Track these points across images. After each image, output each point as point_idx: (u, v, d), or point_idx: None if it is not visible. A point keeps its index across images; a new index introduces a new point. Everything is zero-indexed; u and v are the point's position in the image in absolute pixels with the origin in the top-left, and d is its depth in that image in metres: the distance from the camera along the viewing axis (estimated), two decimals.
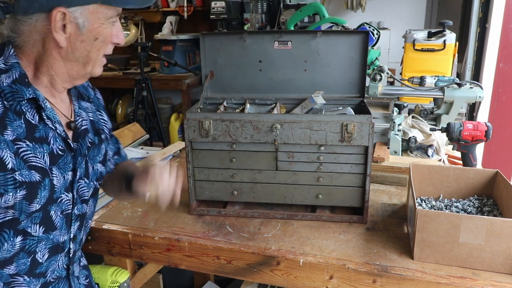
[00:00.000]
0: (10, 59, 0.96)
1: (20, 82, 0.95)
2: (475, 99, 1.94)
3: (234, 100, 1.66)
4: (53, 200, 1.02)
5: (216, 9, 4.21)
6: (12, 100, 0.93)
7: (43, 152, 0.99)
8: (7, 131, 0.92)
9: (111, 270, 1.39)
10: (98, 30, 0.98)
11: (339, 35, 1.56)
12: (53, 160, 1.01)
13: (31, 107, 0.98)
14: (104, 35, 1.00)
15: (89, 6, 0.95)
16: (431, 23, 4.50)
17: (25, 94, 0.95)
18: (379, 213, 1.44)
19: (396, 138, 1.90)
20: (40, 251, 1.04)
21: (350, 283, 1.16)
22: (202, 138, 1.35)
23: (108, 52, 1.05)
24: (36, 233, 1.02)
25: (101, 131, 1.20)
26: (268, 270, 1.24)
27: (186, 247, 1.30)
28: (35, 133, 0.98)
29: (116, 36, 1.03)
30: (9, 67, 0.95)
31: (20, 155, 0.94)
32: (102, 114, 1.24)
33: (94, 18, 0.96)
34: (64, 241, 1.09)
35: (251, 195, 1.41)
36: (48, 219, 1.03)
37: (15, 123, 0.94)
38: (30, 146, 0.96)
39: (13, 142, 0.93)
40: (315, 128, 1.30)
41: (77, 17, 0.94)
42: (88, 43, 0.98)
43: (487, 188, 1.38)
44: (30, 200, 0.96)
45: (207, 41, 1.60)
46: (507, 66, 2.83)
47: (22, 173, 0.94)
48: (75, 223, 1.11)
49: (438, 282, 1.09)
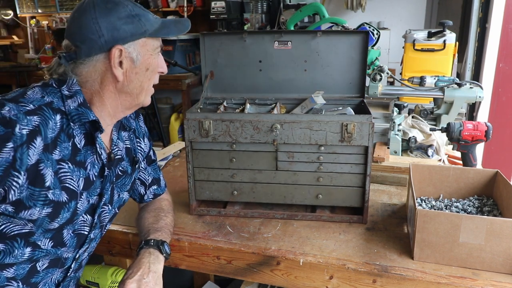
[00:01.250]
0: (74, 87, 1.03)
1: (84, 106, 1.02)
2: (475, 99, 1.94)
3: (234, 100, 1.66)
4: (71, 222, 1.05)
5: (216, 9, 4.21)
6: (79, 121, 1.01)
7: (79, 176, 1.03)
8: (56, 151, 0.97)
9: (111, 270, 1.39)
10: (148, 61, 1.07)
11: (339, 35, 1.56)
12: (86, 185, 1.05)
13: (81, 132, 1.03)
14: (153, 65, 1.09)
15: (139, 40, 1.03)
16: (431, 23, 4.50)
17: (89, 116, 1.02)
18: (379, 213, 1.44)
19: (396, 138, 1.90)
20: (42, 261, 1.06)
21: (350, 283, 1.16)
22: (202, 138, 1.35)
23: (156, 81, 1.13)
24: (45, 247, 1.04)
25: (136, 159, 1.24)
26: (268, 270, 1.24)
27: (186, 247, 1.30)
28: (76, 156, 1.02)
29: (160, 66, 1.12)
30: (73, 93, 1.02)
31: (59, 175, 0.98)
32: (140, 141, 1.29)
33: (144, 51, 1.05)
34: (67, 257, 1.10)
35: (251, 195, 1.41)
36: (59, 236, 1.05)
37: (64, 144, 0.99)
38: (70, 168, 1.01)
39: (58, 162, 0.98)
40: (315, 128, 1.30)
41: (131, 52, 1.02)
42: (141, 75, 1.06)
43: (487, 188, 1.38)
44: (52, 218, 0.99)
45: (207, 41, 1.60)
46: (507, 66, 2.83)
47: (54, 192, 0.97)
48: (86, 245, 1.13)
49: (438, 282, 1.09)
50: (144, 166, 1.32)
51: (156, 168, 1.37)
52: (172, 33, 1.09)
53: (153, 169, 1.35)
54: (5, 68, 4.96)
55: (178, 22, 1.12)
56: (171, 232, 1.27)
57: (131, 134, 1.25)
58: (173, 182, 1.72)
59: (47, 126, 0.95)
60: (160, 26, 1.07)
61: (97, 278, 1.38)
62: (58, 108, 0.99)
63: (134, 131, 1.27)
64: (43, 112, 0.95)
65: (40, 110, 0.95)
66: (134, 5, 1.04)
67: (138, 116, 1.31)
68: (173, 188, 1.64)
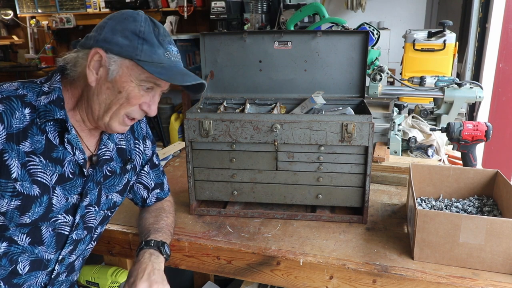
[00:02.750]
0: (54, 84, 1.03)
1: (54, 103, 1.01)
2: (475, 99, 1.94)
3: (234, 100, 1.66)
4: (47, 219, 1.03)
5: (216, 9, 4.22)
6: (43, 117, 0.99)
7: (53, 171, 1.02)
8: (25, 142, 0.97)
9: (111, 270, 1.39)
10: (124, 85, 1.00)
11: (339, 35, 1.55)
12: (60, 180, 1.03)
13: (55, 130, 1.02)
14: (129, 93, 1.01)
15: (126, 60, 0.98)
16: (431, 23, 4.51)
17: (56, 114, 1.00)
18: (379, 213, 1.44)
19: (396, 138, 1.90)
20: (22, 262, 1.04)
21: (350, 283, 1.16)
22: (202, 138, 1.35)
23: (133, 115, 1.06)
24: (22, 242, 1.03)
25: (129, 161, 1.21)
26: (268, 270, 1.24)
27: (186, 247, 1.30)
28: (52, 152, 1.01)
29: (147, 105, 1.05)
30: (51, 90, 1.02)
31: (27, 167, 0.97)
32: (139, 143, 1.27)
33: (125, 73, 0.99)
34: (49, 259, 1.08)
35: (251, 195, 1.41)
36: (37, 233, 1.04)
37: (36, 137, 0.99)
38: (42, 162, 1.00)
39: (27, 154, 0.97)
40: (315, 128, 1.30)
41: (111, 64, 0.98)
42: (111, 93, 1.01)
43: (487, 188, 1.38)
44: (22, 212, 0.98)
45: (207, 41, 1.60)
46: (507, 66, 2.83)
47: (23, 185, 0.97)
48: (68, 247, 1.11)
49: (438, 282, 1.09)
50: (147, 170, 1.31)
51: (159, 174, 1.35)
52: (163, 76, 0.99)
53: (156, 174, 1.34)
54: (5, 68, 4.97)
55: (185, 74, 1.03)
56: (172, 233, 1.26)
57: (128, 134, 1.23)
58: (173, 182, 1.72)
59: (12, 115, 0.95)
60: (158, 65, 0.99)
61: (97, 278, 1.37)
62: (29, 102, 0.99)
63: (132, 132, 1.25)
64: (10, 102, 0.95)
65: (7, 100, 0.95)
66: (152, 31, 0.99)
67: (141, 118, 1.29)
68: (173, 188, 1.64)
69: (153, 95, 1.06)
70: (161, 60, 1.00)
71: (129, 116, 1.06)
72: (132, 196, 1.33)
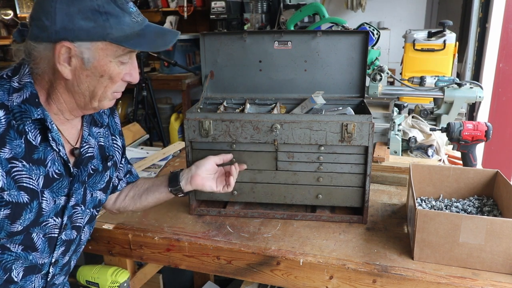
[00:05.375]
0: (24, 78, 0.96)
1: (29, 102, 0.94)
2: (475, 99, 1.94)
3: (234, 100, 1.66)
4: (38, 223, 1.00)
5: (216, 9, 4.22)
6: (20, 120, 0.93)
7: (38, 174, 0.97)
8: (4, 149, 0.91)
9: (111, 270, 1.39)
10: (104, 68, 0.95)
11: (339, 35, 1.55)
12: (47, 183, 0.99)
13: (35, 128, 0.97)
14: (111, 73, 0.97)
15: (98, 42, 0.92)
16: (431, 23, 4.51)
17: (33, 114, 0.94)
18: (379, 213, 1.44)
19: (396, 138, 1.90)
20: (16, 269, 1.01)
21: (350, 283, 1.16)
22: (202, 138, 1.35)
23: (119, 89, 1.03)
24: (15, 249, 0.99)
25: (109, 157, 1.19)
26: (268, 270, 1.24)
27: (186, 247, 1.30)
28: (33, 154, 0.96)
29: (129, 75, 1.01)
30: (22, 86, 0.95)
31: (12, 174, 0.92)
32: (116, 139, 1.24)
33: (101, 55, 0.94)
34: (43, 263, 1.06)
35: (251, 195, 1.41)
36: (29, 241, 1.01)
37: (15, 142, 0.93)
38: (26, 166, 0.94)
39: (8, 161, 0.91)
40: (315, 128, 1.30)
41: (83, 52, 0.92)
42: (93, 79, 0.96)
43: (487, 188, 1.38)
44: (12, 220, 0.94)
45: (207, 41, 1.60)
46: (507, 66, 2.83)
47: (10, 193, 0.92)
48: (60, 248, 1.09)
49: (438, 282, 1.09)
50: (123, 163, 1.30)
51: (127, 161, 1.34)
52: (143, 46, 0.96)
53: (126, 162, 1.33)
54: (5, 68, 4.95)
55: (162, 34, 0.98)
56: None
57: (105, 131, 1.20)
58: None
59: None
60: (133, 34, 0.93)
61: (97, 278, 1.37)
62: (1, 103, 0.91)
63: (109, 128, 1.22)
64: None
65: None
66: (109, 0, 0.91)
67: (113, 113, 1.25)
68: None
69: (131, 63, 1.01)
70: (132, 28, 0.94)
71: (116, 91, 1.03)
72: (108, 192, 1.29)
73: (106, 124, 1.20)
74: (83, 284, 1.40)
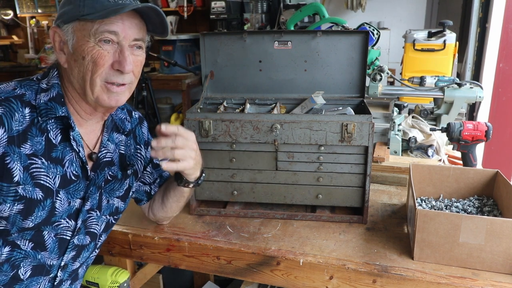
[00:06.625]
0: (52, 80, 1.02)
1: (55, 100, 0.99)
2: (475, 99, 1.94)
3: (234, 100, 1.66)
4: (49, 223, 1.01)
5: (216, 9, 4.22)
6: (46, 116, 0.97)
7: (55, 173, 1.00)
8: (26, 145, 0.94)
9: (111, 270, 1.39)
10: (83, 47, 0.96)
11: (339, 35, 1.55)
12: (63, 183, 1.01)
13: (57, 127, 1.00)
14: (92, 55, 0.96)
15: (75, 23, 0.96)
16: (431, 23, 4.51)
17: (58, 111, 0.99)
18: (379, 213, 1.44)
19: (396, 138, 1.90)
20: (24, 267, 1.02)
21: (350, 283, 1.16)
22: (202, 138, 1.35)
23: (111, 78, 1.00)
24: (25, 247, 1.00)
25: (129, 166, 1.19)
26: (268, 270, 1.24)
27: (186, 247, 1.30)
28: (52, 152, 0.99)
29: (118, 62, 0.98)
30: (49, 87, 1.00)
31: (30, 170, 0.95)
32: (141, 148, 1.25)
33: (79, 36, 0.96)
34: (52, 265, 1.06)
35: (251, 195, 1.41)
36: (40, 238, 1.02)
37: (36, 138, 0.96)
38: (44, 164, 0.97)
39: (28, 157, 0.95)
40: (315, 128, 1.30)
41: (67, 35, 0.97)
42: (79, 63, 0.98)
43: (487, 188, 1.38)
44: (24, 216, 0.96)
45: (207, 41, 1.60)
46: (507, 66, 2.83)
47: (25, 188, 0.95)
48: (70, 252, 1.09)
49: (438, 282, 1.09)
50: (150, 170, 1.31)
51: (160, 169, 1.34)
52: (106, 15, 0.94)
53: (157, 171, 1.34)
54: (5, 68, 4.97)
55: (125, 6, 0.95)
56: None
57: (129, 139, 1.21)
58: None
59: (12, 118, 0.92)
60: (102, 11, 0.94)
61: (97, 278, 1.37)
62: (28, 102, 0.96)
63: (135, 137, 1.23)
64: (9, 104, 0.93)
65: (6, 102, 0.93)
66: None
67: (142, 122, 1.27)
68: None
69: (121, 49, 0.98)
70: (105, 7, 0.94)
71: (108, 81, 1.00)
72: (136, 195, 1.33)
73: (129, 131, 1.21)
74: (83, 284, 1.40)
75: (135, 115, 1.26)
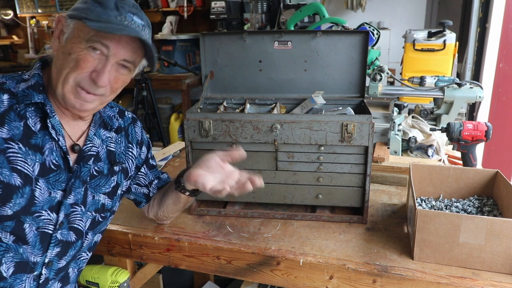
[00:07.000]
0: (34, 71, 1.05)
1: (33, 88, 1.02)
2: (475, 99, 1.94)
3: (234, 100, 1.66)
4: (30, 213, 1.00)
5: (216, 9, 4.21)
6: (22, 102, 0.99)
7: (34, 160, 0.99)
8: (3, 128, 0.96)
9: (111, 270, 1.39)
10: (73, 45, 0.99)
11: (339, 35, 1.56)
12: (43, 172, 1.01)
13: (36, 115, 1.01)
14: (77, 55, 0.98)
15: (78, 22, 1.00)
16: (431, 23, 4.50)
17: (34, 98, 1.01)
18: (379, 213, 1.44)
19: (396, 138, 1.90)
20: (6, 263, 1.00)
21: (350, 283, 1.16)
22: (202, 138, 1.35)
23: (83, 84, 1.00)
24: (6, 240, 0.99)
25: (117, 163, 1.19)
26: (268, 270, 1.24)
27: (186, 247, 1.30)
28: (31, 139, 0.99)
29: (96, 73, 0.99)
30: (30, 77, 1.04)
31: (6, 154, 0.95)
32: (132, 147, 1.25)
33: (75, 34, 1.00)
34: (36, 262, 1.04)
35: (251, 195, 1.41)
36: (21, 231, 1.00)
37: (14, 123, 0.98)
38: (22, 150, 0.98)
39: (5, 141, 0.96)
40: (315, 128, 1.30)
41: (67, 28, 1.01)
42: (64, 56, 1.01)
43: (487, 188, 1.38)
44: (2, 202, 0.95)
45: (207, 41, 1.60)
46: (507, 66, 2.83)
47: (2, 172, 0.94)
48: (54, 248, 1.06)
49: (438, 282, 1.09)
50: (144, 171, 1.31)
51: (157, 172, 1.36)
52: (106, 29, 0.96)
53: (153, 173, 1.34)
54: (5, 68, 4.96)
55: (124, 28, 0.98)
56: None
57: (120, 137, 1.21)
58: None
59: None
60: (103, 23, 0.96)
61: (97, 278, 1.37)
62: (8, 89, 1.00)
63: (126, 135, 1.23)
64: None
65: None
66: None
67: (135, 122, 1.28)
68: None
69: (104, 63, 1.00)
70: (109, 20, 0.96)
71: (80, 85, 1.00)
72: (134, 197, 1.33)
73: (119, 128, 1.21)
74: (83, 284, 1.40)
75: (128, 114, 1.27)
